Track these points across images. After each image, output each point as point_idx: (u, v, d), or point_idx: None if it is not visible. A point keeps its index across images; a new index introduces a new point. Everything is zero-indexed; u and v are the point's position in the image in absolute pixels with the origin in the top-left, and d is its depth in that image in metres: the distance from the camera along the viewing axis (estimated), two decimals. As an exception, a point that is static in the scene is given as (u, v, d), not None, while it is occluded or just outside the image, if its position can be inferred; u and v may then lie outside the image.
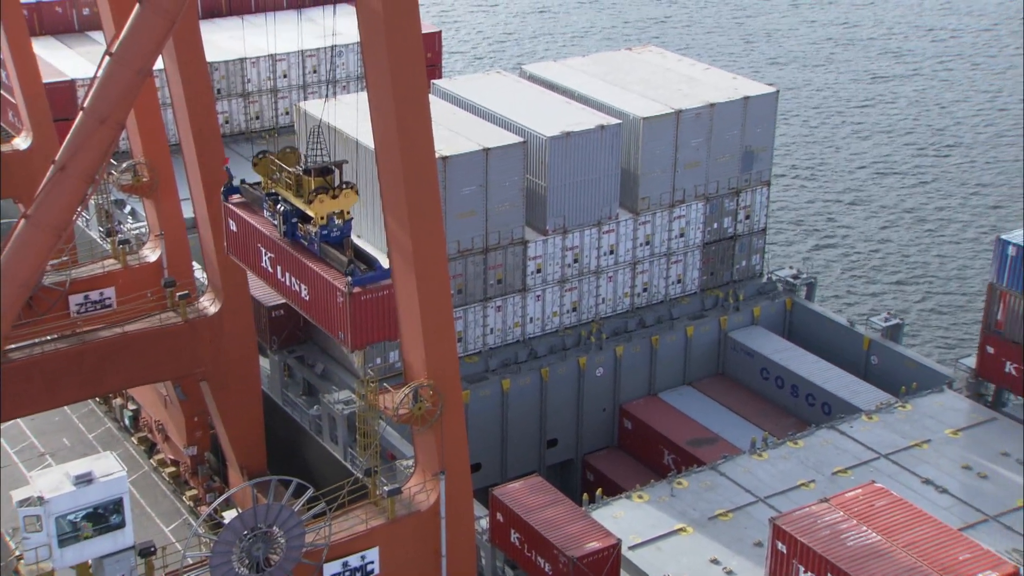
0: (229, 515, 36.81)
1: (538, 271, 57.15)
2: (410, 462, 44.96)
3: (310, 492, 35.79)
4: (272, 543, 35.42)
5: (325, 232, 39.64)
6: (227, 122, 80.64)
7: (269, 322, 57.21)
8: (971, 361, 55.62)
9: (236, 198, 44.39)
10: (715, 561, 43.70)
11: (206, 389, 50.47)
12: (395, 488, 39.30)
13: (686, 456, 55.79)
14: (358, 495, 39.12)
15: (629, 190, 58.82)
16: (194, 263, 57.35)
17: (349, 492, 38.22)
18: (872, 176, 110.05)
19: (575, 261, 57.80)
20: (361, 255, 39.49)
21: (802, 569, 37.43)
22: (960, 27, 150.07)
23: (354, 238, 49.81)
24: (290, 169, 40.17)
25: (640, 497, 47.49)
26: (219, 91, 79.60)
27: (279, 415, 54.95)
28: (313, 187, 38.99)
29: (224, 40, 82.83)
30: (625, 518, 46.09)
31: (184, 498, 55.30)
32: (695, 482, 48.63)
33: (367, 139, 44.32)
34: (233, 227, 44.20)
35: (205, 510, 45.23)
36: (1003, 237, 52.58)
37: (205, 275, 52.20)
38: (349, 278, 38.03)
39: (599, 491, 49.30)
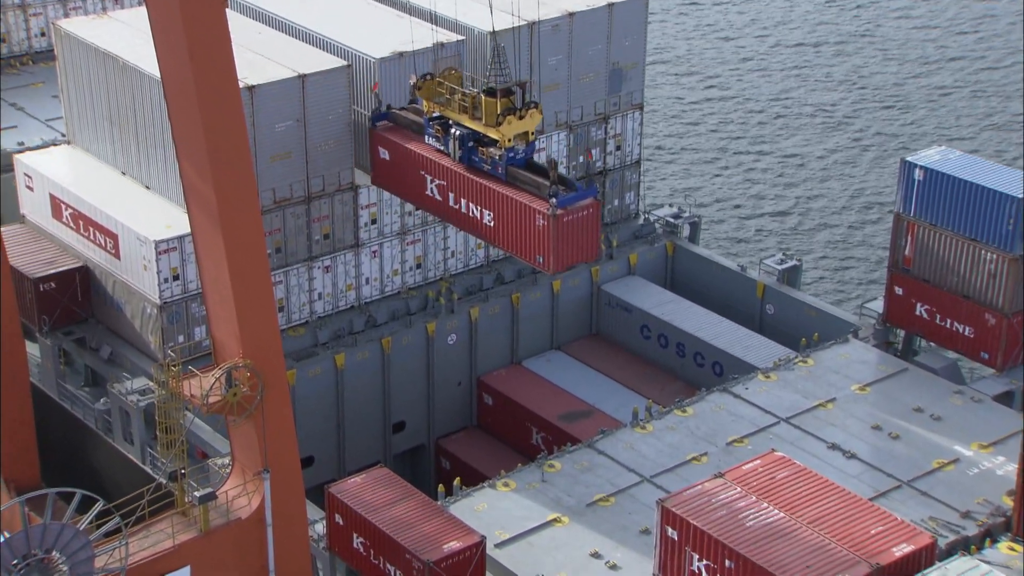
0: (-6, 541, 35.59)
1: (373, 222, 56.86)
2: (226, 460, 44.59)
3: (100, 505, 35.09)
4: (52, 572, 34.37)
5: (511, 155, 45.27)
6: (-35, 49, 76.98)
7: (37, 297, 55.13)
8: (878, 305, 58.04)
9: (384, 124, 50.44)
10: (596, 555, 44.70)
11: (-43, 387, 48.52)
12: (208, 493, 39.02)
13: (558, 434, 56.73)
14: (162, 504, 38.63)
15: (478, 120, 58.92)
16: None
17: (151, 501, 37.63)
18: (760, 95, 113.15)
19: (417, 208, 57.61)
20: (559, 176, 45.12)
21: (696, 557, 38.65)
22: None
23: (144, 190, 48.49)
24: (466, 91, 46.16)
25: (506, 485, 48.14)
26: (-53, 8, 75.87)
27: (55, 412, 53.31)
28: (500, 109, 44.40)
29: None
30: (489, 511, 46.68)
31: (-63, 525, 53.19)
32: (569, 463, 49.48)
33: (151, 66, 43.06)
34: (385, 156, 50.44)
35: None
36: (909, 159, 54.65)
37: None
38: (554, 200, 43.66)
39: (457, 481, 49.77)
